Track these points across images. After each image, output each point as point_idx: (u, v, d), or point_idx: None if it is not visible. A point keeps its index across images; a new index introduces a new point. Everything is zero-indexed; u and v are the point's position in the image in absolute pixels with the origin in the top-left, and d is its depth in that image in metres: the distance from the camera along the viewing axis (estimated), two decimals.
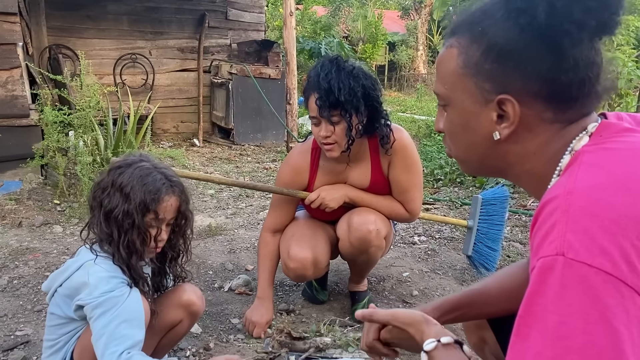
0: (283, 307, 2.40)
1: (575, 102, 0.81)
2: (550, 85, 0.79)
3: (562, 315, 0.65)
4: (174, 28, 7.04)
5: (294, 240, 2.19)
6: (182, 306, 1.73)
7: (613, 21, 0.77)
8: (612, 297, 0.63)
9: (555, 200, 0.72)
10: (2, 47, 3.95)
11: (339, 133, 1.96)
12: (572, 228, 0.68)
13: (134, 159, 1.58)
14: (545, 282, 0.67)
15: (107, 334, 1.38)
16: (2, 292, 2.50)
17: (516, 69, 0.80)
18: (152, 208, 1.50)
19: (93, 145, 4.15)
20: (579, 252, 0.66)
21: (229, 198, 4.39)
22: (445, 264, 3.00)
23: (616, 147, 0.77)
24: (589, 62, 0.78)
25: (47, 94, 4.05)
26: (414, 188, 2.16)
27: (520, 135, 0.84)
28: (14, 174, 4.11)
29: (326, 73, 1.91)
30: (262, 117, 6.84)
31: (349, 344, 1.52)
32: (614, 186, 0.70)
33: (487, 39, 0.82)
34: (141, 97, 6.42)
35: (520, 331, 0.69)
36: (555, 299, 0.66)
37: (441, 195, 4.44)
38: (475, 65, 0.84)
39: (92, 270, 1.47)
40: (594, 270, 0.64)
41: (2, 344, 2.04)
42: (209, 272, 2.83)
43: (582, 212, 0.68)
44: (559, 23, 0.75)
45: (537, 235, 0.73)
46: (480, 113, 0.85)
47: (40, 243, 3.19)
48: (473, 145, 0.90)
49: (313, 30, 14.00)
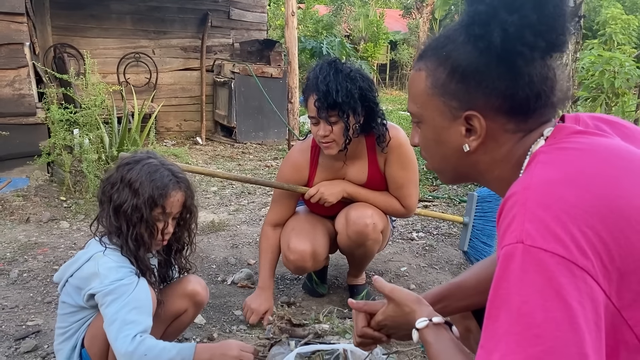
0: (284, 299, 2.48)
1: (534, 113, 0.91)
2: (510, 100, 0.89)
3: (523, 295, 0.73)
4: (177, 27, 7.10)
5: (294, 233, 2.28)
6: (187, 296, 1.81)
7: (560, 41, 0.87)
8: (565, 277, 0.72)
9: (515, 195, 0.82)
10: (10, 47, 4.03)
11: (336, 132, 2.04)
12: (529, 218, 0.76)
13: (142, 155, 1.66)
14: (509, 268, 0.76)
15: (120, 319, 1.46)
16: (13, 285, 2.59)
17: (478, 87, 0.90)
18: (160, 203, 1.58)
19: (98, 143, 4.24)
20: (535, 239, 0.74)
21: (231, 195, 4.47)
22: (442, 259, 3.07)
23: (567, 147, 0.86)
24: (542, 78, 0.88)
25: (53, 93, 4.13)
26: (409, 184, 2.24)
27: (487, 145, 0.94)
28: (21, 171, 4.20)
29: (324, 76, 2.00)
30: (264, 116, 6.91)
31: (346, 331, 1.60)
32: (565, 181, 0.79)
33: (451, 62, 0.92)
34: (145, 96, 6.50)
35: (490, 314, 0.77)
36: (517, 281, 0.74)
37: (440, 193, 4.51)
38: (442, 86, 0.94)
39: (101, 261, 1.55)
40: (549, 254, 0.73)
41: (15, 333, 2.13)
42: (213, 266, 2.92)
43: (537, 204, 0.77)
44: (513, 46, 0.85)
45: (501, 226, 0.82)
46: (450, 128, 0.95)
47: (47, 238, 3.27)
48: (446, 157, 1.00)
49: (315, 29, 14.04)
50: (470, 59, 0.89)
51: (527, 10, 0.84)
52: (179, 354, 1.46)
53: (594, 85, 5.25)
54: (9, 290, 2.52)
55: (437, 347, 0.99)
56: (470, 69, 0.90)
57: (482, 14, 0.87)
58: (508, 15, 0.84)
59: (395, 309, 1.13)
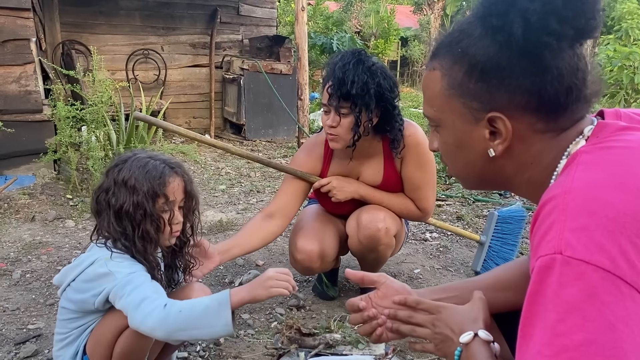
0: (293, 302, 2.39)
1: (565, 110, 0.80)
2: (537, 97, 0.79)
3: (560, 313, 0.64)
4: (186, 24, 7.05)
5: (302, 232, 2.19)
6: None
7: (590, 26, 0.77)
8: (610, 294, 0.63)
9: (553, 200, 0.72)
10: (16, 42, 3.97)
11: (344, 125, 1.94)
12: (570, 226, 0.67)
13: (128, 154, 1.59)
14: (545, 281, 0.67)
15: (149, 297, 1.37)
16: (15, 286, 2.52)
17: (500, 85, 0.80)
18: (161, 192, 1.52)
19: (105, 140, 4.18)
20: (576, 249, 0.65)
21: (240, 193, 4.39)
22: (457, 261, 2.97)
23: (613, 145, 0.76)
24: (572, 69, 0.78)
25: (60, 89, 4.08)
26: (426, 186, 2.13)
27: (514, 148, 0.84)
28: (28, 168, 4.15)
29: (344, 63, 1.90)
30: (273, 113, 6.83)
31: (359, 340, 1.51)
32: (612, 184, 0.69)
33: (468, 59, 0.82)
34: (153, 93, 6.44)
35: (524, 332, 0.69)
36: (553, 297, 0.65)
37: (453, 192, 4.40)
38: (460, 86, 0.84)
39: (110, 263, 1.47)
40: (592, 268, 0.64)
41: (15, 337, 2.06)
42: (220, 267, 2.83)
43: (579, 210, 0.68)
44: (537, 36, 0.75)
45: (536, 235, 0.73)
46: (472, 131, 0.86)
47: (52, 237, 3.21)
48: (469, 163, 0.91)
49: (325, 25, 13.94)
50: (489, 54, 0.80)
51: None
52: (214, 300, 1.36)
53: (612, 81, 5.13)
54: (10, 292, 2.45)
55: None
56: (490, 66, 0.80)
57: (499, 3, 0.78)
58: (529, 2, 0.74)
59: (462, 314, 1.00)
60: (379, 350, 1.48)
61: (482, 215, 3.79)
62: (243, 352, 1.96)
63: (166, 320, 1.32)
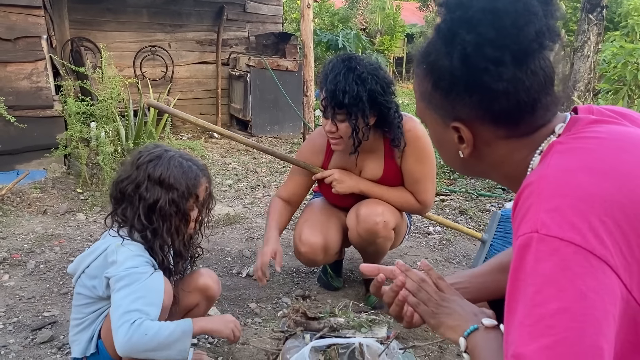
0: (299, 292, 2.46)
1: (521, 120, 0.87)
2: (489, 112, 0.86)
3: (537, 285, 0.70)
4: (192, 21, 7.11)
5: (306, 225, 2.25)
6: (199, 290, 1.80)
7: (532, 48, 0.82)
8: (581, 266, 0.68)
9: (530, 186, 0.79)
10: (27, 39, 4.05)
11: (342, 130, 2.02)
12: (545, 207, 0.74)
13: (159, 151, 1.65)
14: (524, 258, 0.73)
15: (124, 306, 1.45)
16: (30, 276, 2.60)
17: (458, 100, 0.88)
18: (194, 192, 1.62)
19: (114, 135, 4.25)
20: (550, 227, 0.71)
21: (246, 188, 4.46)
22: (459, 254, 3.03)
23: (584, 136, 0.82)
24: (519, 88, 0.83)
25: (70, 86, 4.15)
26: (425, 179, 2.19)
27: (481, 151, 0.92)
28: (39, 163, 4.23)
29: (335, 74, 1.95)
30: (279, 109, 6.89)
31: (362, 325, 1.57)
32: (582, 168, 0.76)
33: (432, 74, 0.90)
34: (161, 89, 6.52)
35: (509, 307, 0.75)
36: (531, 271, 0.72)
37: (457, 187, 4.45)
38: (429, 95, 0.93)
39: (120, 250, 1.55)
40: (565, 243, 0.70)
41: (31, 324, 2.14)
42: (228, 258, 2.91)
43: (553, 193, 0.75)
44: (474, 64, 0.82)
45: (516, 217, 0.80)
46: (445, 134, 0.95)
47: (64, 230, 3.29)
48: (450, 158, 1.01)
49: (330, 22, 13.96)
50: (446, 73, 0.87)
51: (484, 28, 0.81)
52: (178, 326, 1.47)
53: (616, 78, 5.15)
54: (25, 281, 2.53)
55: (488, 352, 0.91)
56: (447, 83, 0.88)
57: (445, 32, 0.86)
58: (466, 34, 0.82)
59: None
60: (381, 334, 1.54)
61: (486, 210, 3.84)
62: (251, 339, 2.03)
63: (129, 341, 1.40)
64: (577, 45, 5.42)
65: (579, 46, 5.39)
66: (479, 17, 0.82)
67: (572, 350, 0.66)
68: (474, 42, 0.82)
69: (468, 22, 0.83)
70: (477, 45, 0.82)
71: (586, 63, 5.33)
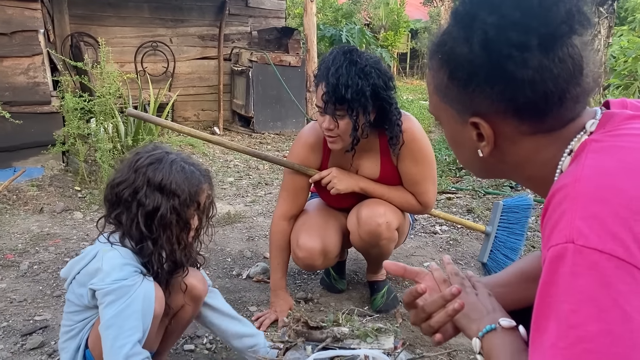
0: (301, 295, 2.37)
1: (549, 113, 0.78)
2: (512, 104, 0.78)
3: (573, 304, 0.63)
4: (194, 16, 7.02)
5: (304, 229, 2.15)
6: (183, 291, 1.70)
7: (561, 31, 0.74)
8: (625, 283, 0.61)
9: (563, 189, 0.71)
10: (24, 34, 3.97)
11: (342, 128, 1.90)
12: (582, 215, 0.66)
13: (160, 153, 1.54)
14: (557, 272, 0.65)
15: (117, 326, 1.36)
16: (23, 277, 2.52)
17: (478, 92, 0.79)
18: (195, 199, 1.51)
19: (113, 132, 4.18)
20: (589, 238, 0.63)
21: (248, 186, 4.37)
22: (467, 254, 2.94)
23: (622, 133, 0.74)
24: (546, 77, 0.75)
25: (69, 81, 4.07)
26: (425, 181, 2.08)
27: (504, 148, 0.84)
28: (36, 160, 4.15)
29: (337, 67, 1.83)
30: (282, 105, 6.80)
31: (367, 334, 1.48)
32: (623, 171, 0.68)
33: (449, 65, 0.82)
34: (162, 85, 6.43)
35: (537, 325, 0.67)
36: (567, 287, 0.64)
37: (463, 185, 4.36)
38: (445, 89, 0.85)
39: (106, 256, 1.45)
40: (606, 256, 0.62)
41: (22, 328, 2.05)
42: (228, 259, 2.82)
43: (591, 198, 0.66)
44: (497, 49, 0.74)
45: (547, 225, 0.71)
46: (462, 131, 0.86)
47: (60, 229, 3.21)
48: (468, 159, 0.92)
49: (334, 17, 13.85)
50: (465, 62, 0.79)
51: (507, 9, 0.73)
52: None
53: (626, 72, 5.04)
54: (18, 283, 2.45)
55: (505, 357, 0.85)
56: (465, 73, 0.79)
57: (464, 15, 0.78)
58: (487, 16, 0.74)
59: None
60: (387, 344, 1.45)
61: None
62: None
63: None
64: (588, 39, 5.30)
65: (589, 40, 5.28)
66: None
67: None
68: (496, 24, 0.73)
69: (489, 3, 0.74)
70: (500, 28, 0.73)
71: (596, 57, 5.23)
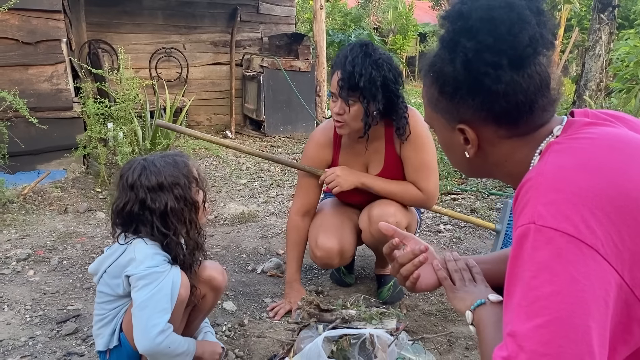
0: (312, 288, 2.53)
1: (521, 119, 0.95)
2: (491, 112, 0.95)
3: (533, 271, 0.78)
4: (207, 22, 7.21)
5: (322, 229, 2.31)
6: (204, 282, 1.87)
7: (527, 53, 0.90)
8: (574, 254, 0.76)
9: (529, 182, 0.87)
10: (48, 43, 4.17)
11: (352, 114, 2.07)
12: (542, 201, 0.82)
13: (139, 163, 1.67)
14: (522, 247, 0.81)
15: (151, 307, 1.53)
16: (54, 271, 2.70)
17: (462, 103, 0.96)
18: (192, 177, 1.68)
19: (132, 136, 4.36)
20: (546, 219, 0.79)
21: (260, 187, 4.54)
22: (470, 252, 3.07)
23: (579, 137, 0.91)
24: (517, 90, 0.91)
25: (89, 88, 4.26)
26: (426, 168, 2.22)
27: (486, 150, 1.01)
28: (59, 163, 4.35)
29: (354, 57, 2.02)
30: (292, 109, 6.97)
31: (372, 317, 1.64)
32: (576, 167, 0.84)
33: (438, 82, 0.99)
34: (176, 90, 6.63)
35: (508, 290, 0.83)
36: (528, 258, 0.80)
37: (468, 186, 4.49)
38: (436, 101, 1.02)
39: (137, 247, 1.62)
40: (559, 233, 0.77)
41: (56, 317, 2.24)
42: (243, 255, 2.99)
43: (549, 188, 0.82)
44: (475, 68, 0.91)
45: (516, 210, 0.88)
46: (452, 137, 1.04)
47: (85, 228, 3.39)
48: (458, 161, 1.09)
49: (343, 22, 14.02)
50: (450, 79, 0.95)
51: (483, 36, 0.89)
52: (189, 347, 1.63)
53: (628, 77, 5.14)
54: (50, 277, 2.64)
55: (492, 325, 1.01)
56: (452, 88, 0.96)
57: (448, 41, 0.95)
58: (467, 41, 0.91)
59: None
60: (390, 326, 1.61)
61: (496, 209, 3.88)
62: (266, 331, 2.11)
63: (157, 346, 1.53)
64: (589, 45, 5.43)
65: (591, 45, 5.40)
66: (477, 26, 0.90)
67: (563, 328, 0.74)
68: (474, 48, 0.90)
69: (468, 31, 0.91)
70: (477, 51, 0.90)
71: (598, 62, 5.34)
